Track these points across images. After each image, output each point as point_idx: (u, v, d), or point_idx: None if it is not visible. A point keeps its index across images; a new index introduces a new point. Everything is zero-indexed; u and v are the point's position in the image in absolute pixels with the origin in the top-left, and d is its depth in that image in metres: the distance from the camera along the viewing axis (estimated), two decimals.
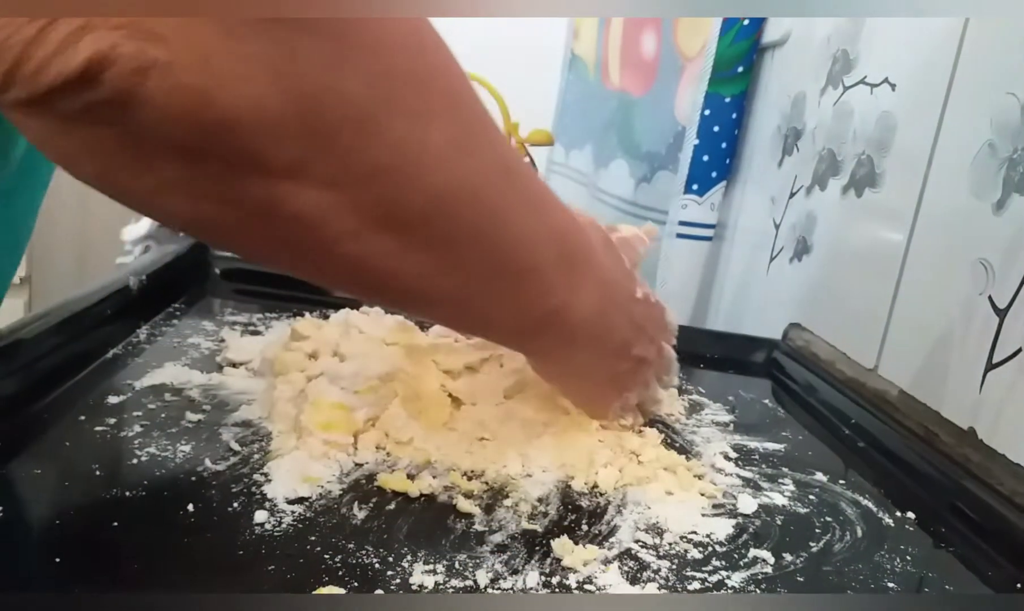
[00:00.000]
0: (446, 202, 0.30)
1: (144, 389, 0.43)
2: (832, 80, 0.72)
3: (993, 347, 0.47)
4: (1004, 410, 0.46)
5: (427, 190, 0.29)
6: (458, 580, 0.30)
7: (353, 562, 0.30)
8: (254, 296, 0.64)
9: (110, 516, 0.31)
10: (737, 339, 0.71)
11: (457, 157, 0.30)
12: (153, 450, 0.37)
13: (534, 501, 0.37)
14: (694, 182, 0.88)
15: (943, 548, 0.39)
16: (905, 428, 0.52)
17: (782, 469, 0.45)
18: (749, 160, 0.88)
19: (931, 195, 0.56)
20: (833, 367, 0.63)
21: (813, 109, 0.75)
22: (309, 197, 0.27)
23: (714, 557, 0.34)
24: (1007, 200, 0.48)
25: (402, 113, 0.28)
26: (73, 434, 0.37)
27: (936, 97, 0.57)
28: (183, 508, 0.32)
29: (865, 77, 0.67)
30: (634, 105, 1.11)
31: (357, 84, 0.26)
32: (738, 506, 0.40)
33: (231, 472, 0.36)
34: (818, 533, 0.38)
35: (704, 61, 0.86)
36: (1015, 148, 0.48)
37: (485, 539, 0.33)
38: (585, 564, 0.32)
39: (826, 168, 0.71)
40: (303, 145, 0.26)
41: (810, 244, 0.72)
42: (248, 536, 0.31)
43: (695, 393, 0.56)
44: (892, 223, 0.60)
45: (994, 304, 0.48)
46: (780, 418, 0.55)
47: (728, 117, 0.87)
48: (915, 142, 0.59)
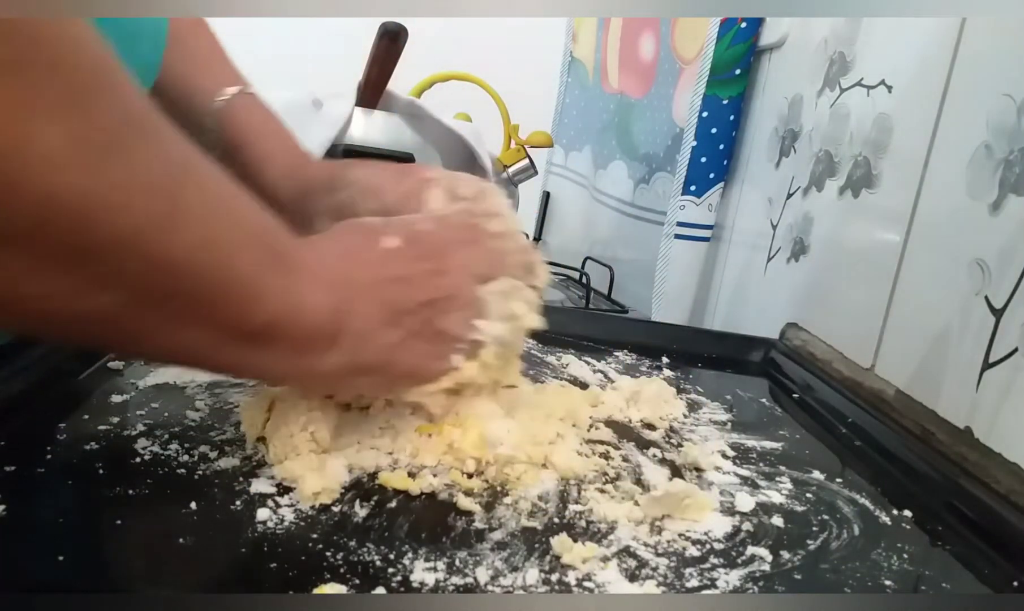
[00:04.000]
0: (66, 211, 0.25)
1: (147, 388, 0.43)
2: (829, 82, 0.72)
3: (989, 347, 0.48)
4: (1000, 409, 0.46)
5: (33, 195, 0.24)
6: (458, 577, 0.30)
7: (354, 559, 0.30)
8: None
9: (113, 514, 0.31)
10: (735, 339, 0.71)
11: (88, 160, 0.25)
12: (155, 449, 0.37)
13: (534, 499, 0.37)
14: (692, 183, 0.89)
15: (940, 546, 0.40)
16: (902, 427, 0.53)
17: (779, 467, 0.45)
18: (746, 161, 0.89)
19: (927, 196, 0.57)
20: (830, 366, 0.64)
21: (810, 111, 0.76)
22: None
23: (712, 555, 0.35)
24: (1003, 201, 0.48)
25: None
26: (76, 433, 0.38)
27: (932, 99, 0.57)
28: (185, 506, 0.33)
29: (862, 79, 0.67)
30: (633, 107, 1.11)
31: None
32: (736, 504, 0.40)
33: (233, 470, 0.36)
34: (815, 531, 0.38)
35: (702, 64, 0.86)
36: (1011, 149, 0.48)
37: (485, 536, 0.34)
38: (584, 561, 0.32)
39: (823, 169, 0.71)
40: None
41: (807, 245, 0.72)
42: (250, 534, 0.31)
43: (693, 392, 0.57)
44: (889, 224, 0.60)
45: (990, 304, 0.48)
46: (777, 417, 0.56)
47: (726, 119, 0.87)
48: (911, 143, 0.59)
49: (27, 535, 0.29)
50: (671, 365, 0.63)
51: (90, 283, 0.27)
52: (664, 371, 0.62)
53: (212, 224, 0.30)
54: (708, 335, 0.74)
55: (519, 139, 1.08)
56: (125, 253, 0.27)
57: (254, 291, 0.32)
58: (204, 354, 0.32)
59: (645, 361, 0.63)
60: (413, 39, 0.80)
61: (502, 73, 1.10)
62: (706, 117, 0.87)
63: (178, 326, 0.30)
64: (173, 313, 0.30)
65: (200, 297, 0.30)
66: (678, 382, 0.59)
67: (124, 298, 0.28)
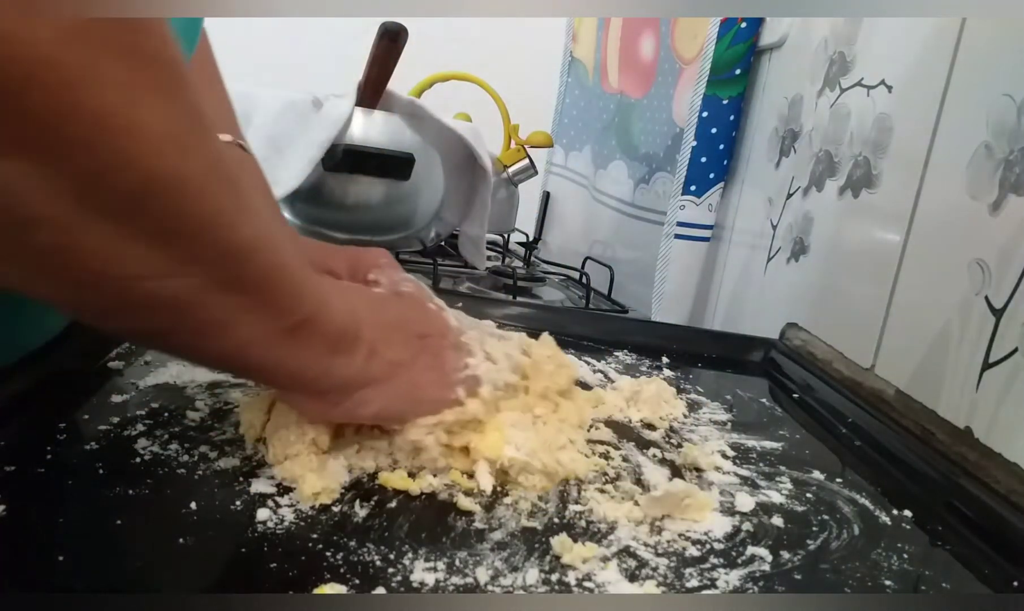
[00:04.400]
0: (164, 190, 0.27)
1: (147, 388, 0.43)
2: (829, 82, 0.72)
3: (989, 347, 0.48)
4: (1000, 409, 0.46)
5: (139, 173, 0.26)
6: (458, 577, 0.30)
7: (354, 559, 0.30)
8: None
9: (113, 515, 0.31)
10: (735, 339, 0.71)
11: (175, 147, 0.27)
12: (156, 449, 0.37)
13: (534, 499, 0.37)
14: (692, 183, 0.89)
15: (940, 546, 0.40)
16: (902, 427, 0.53)
17: (779, 467, 0.45)
18: (747, 161, 0.89)
19: (928, 196, 0.57)
20: (830, 366, 0.64)
21: (810, 111, 0.76)
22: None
23: (712, 555, 0.35)
24: (1003, 201, 0.48)
25: (108, 84, 0.24)
26: (76, 433, 0.38)
27: (932, 99, 0.57)
28: (185, 506, 0.33)
29: (862, 79, 0.67)
30: (633, 107, 1.11)
31: (48, 34, 0.23)
32: (736, 504, 0.40)
33: (233, 471, 0.36)
34: (815, 531, 0.38)
35: (702, 64, 0.86)
36: (1011, 149, 0.48)
37: (485, 536, 0.34)
38: (584, 561, 0.32)
39: (823, 169, 0.71)
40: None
41: (807, 244, 0.72)
42: (250, 534, 0.31)
43: (693, 392, 0.57)
44: (889, 224, 0.60)
45: (990, 304, 0.48)
46: (777, 417, 0.56)
47: (726, 119, 0.87)
48: (912, 143, 0.59)
49: (27, 535, 0.29)
50: (671, 365, 0.63)
51: (175, 263, 0.29)
52: (664, 371, 0.62)
53: (266, 218, 0.33)
54: (708, 335, 0.74)
55: (519, 139, 1.08)
56: (205, 236, 0.29)
57: (299, 285, 0.34)
58: (256, 350, 0.34)
59: (645, 361, 0.63)
60: (413, 39, 0.80)
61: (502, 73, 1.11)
62: (706, 117, 0.87)
63: (241, 315, 0.32)
64: (239, 302, 0.32)
65: (261, 285, 0.32)
66: (678, 382, 0.59)
67: (201, 282, 0.30)
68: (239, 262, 0.31)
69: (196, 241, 0.29)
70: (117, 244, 0.27)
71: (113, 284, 0.28)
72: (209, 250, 0.30)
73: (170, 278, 0.29)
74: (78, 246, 0.27)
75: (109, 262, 0.28)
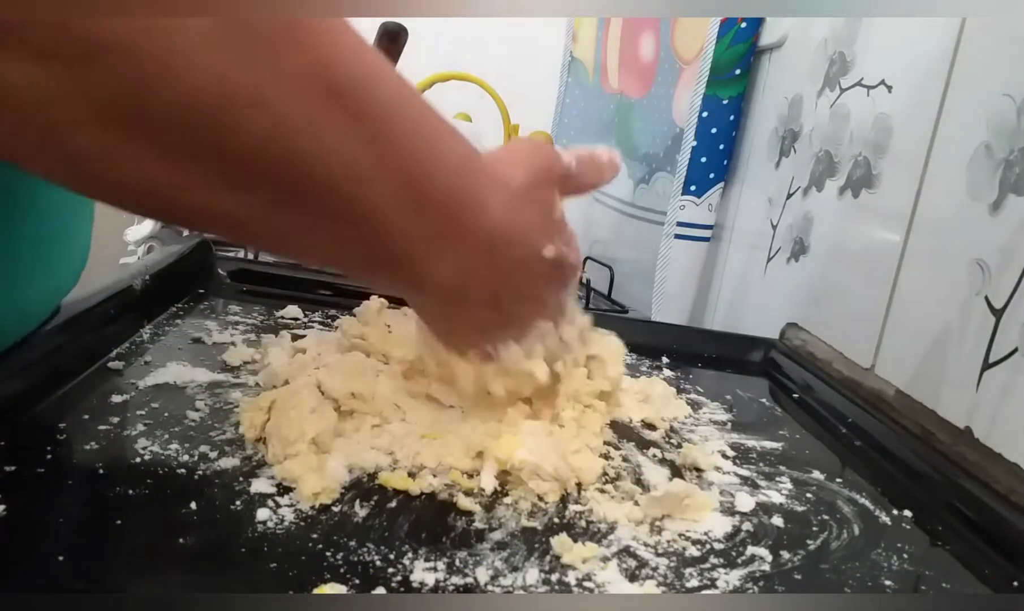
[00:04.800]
0: (212, 105, 0.26)
1: (147, 388, 0.43)
2: (829, 82, 0.72)
3: (989, 347, 0.48)
4: (1000, 409, 0.46)
5: (180, 85, 0.25)
6: (458, 577, 0.30)
7: (354, 559, 0.30)
8: (257, 296, 0.64)
9: (113, 515, 0.31)
10: (735, 339, 0.71)
11: (231, 56, 0.25)
12: (156, 449, 0.37)
13: (534, 499, 0.37)
14: (692, 183, 0.89)
15: (940, 546, 0.40)
16: (902, 427, 0.53)
17: (779, 467, 0.46)
18: (746, 161, 0.89)
19: (928, 196, 0.57)
20: (830, 366, 0.64)
21: (810, 111, 0.76)
22: (18, 71, 0.23)
23: (712, 555, 0.35)
24: (1003, 201, 0.48)
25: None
26: (76, 433, 0.37)
27: (932, 99, 0.57)
28: (185, 506, 0.32)
29: (862, 79, 0.67)
30: (633, 107, 1.11)
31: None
32: (736, 504, 0.40)
33: (233, 470, 0.36)
34: (815, 531, 0.38)
35: (702, 64, 0.86)
36: (1011, 149, 0.48)
37: (485, 536, 0.34)
38: (584, 561, 0.32)
39: (823, 169, 0.71)
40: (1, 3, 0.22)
41: (807, 245, 0.72)
42: (250, 534, 0.31)
43: (693, 392, 0.57)
44: (889, 224, 0.60)
45: (990, 304, 0.48)
46: (777, 417, 0.56)
47: (726, 119, 0.87)
48: (911, 143, 0.59)
49: (27, 535, 0.29)
50: (671, 365, 0.63)
51: (222, 180, 0.28)
52: (664, 371, 0.62)
53: (360, 152, 0.31)
54: (708, 335, 0.74)
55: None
56: (257, 155, 0.27)
57: (388, 229, 0.33)
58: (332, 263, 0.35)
59: (645, 361, 0.63)
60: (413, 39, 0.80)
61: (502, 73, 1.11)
62: (706, 117, 0.87)
63: (299, 235, 0.32)
64: (301, 225, 0.31)
65: (326, 215, 0.31)
66: (678, 382, 0.59)
67: (252, 202, 0.29)
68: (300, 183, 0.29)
69: (253, 162, 0.28)
70: (156, 158, 0.26)
71: (158, 195, 0.27)
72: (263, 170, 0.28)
73: (217, 194, 0.28)
74: (109, 152, 0.25)
75: (152, 175, 0.26)
